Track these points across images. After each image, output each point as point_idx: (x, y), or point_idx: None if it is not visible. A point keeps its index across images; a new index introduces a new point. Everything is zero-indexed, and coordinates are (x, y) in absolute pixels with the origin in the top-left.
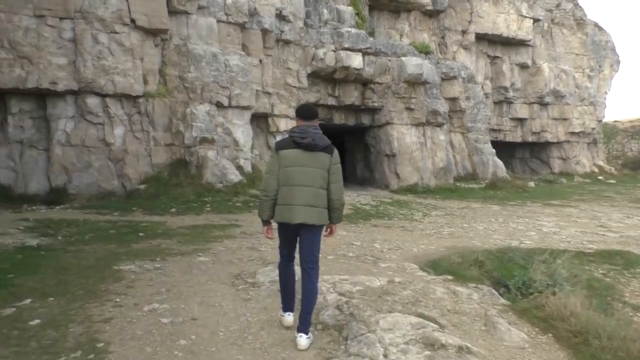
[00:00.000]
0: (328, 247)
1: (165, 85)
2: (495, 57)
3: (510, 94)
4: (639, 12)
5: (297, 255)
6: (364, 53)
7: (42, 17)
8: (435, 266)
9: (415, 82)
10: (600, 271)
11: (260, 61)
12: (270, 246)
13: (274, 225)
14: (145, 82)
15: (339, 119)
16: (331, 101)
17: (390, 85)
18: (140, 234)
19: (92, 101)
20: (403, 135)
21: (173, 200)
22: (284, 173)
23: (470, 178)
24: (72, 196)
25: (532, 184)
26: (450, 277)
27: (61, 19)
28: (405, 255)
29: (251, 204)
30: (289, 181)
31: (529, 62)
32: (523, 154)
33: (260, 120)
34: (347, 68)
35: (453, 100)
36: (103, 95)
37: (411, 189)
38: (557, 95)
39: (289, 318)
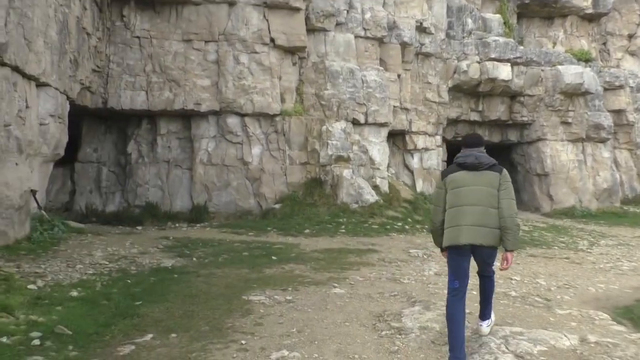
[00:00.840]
0: None
1: (301, 103)
2: None
3: None
4: None
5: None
6: (513, 63)
7: (190, 41)
8: (633, 317)
9: (574, 93)
10: None
11: (399, 76)
12: (413, 278)
13: None
14: (283, 100)
15: (482, 135)
16: (474, 116)
17: (543, 97)
18: (273, 257)
19: (232, 121)
20: (558, 153)
21: (307, 220)
22: (451, 195)
23: None
24: (212, 214)
25: None
26: None
27: (206, 42)
28: (582, 297)
29: (388, 227)
30: (455, 202)
31: None
32: None
33: (396, 138)
34: (493, 80)
35: (618, 112)
36: (242, 115)
37: (567, 213)
38: None
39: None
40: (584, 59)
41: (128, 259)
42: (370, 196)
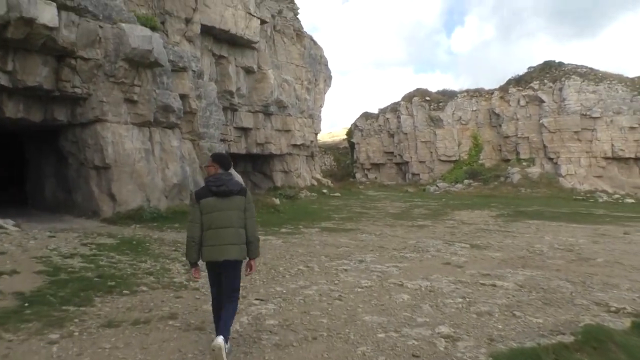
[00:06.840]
0: None
1: None
2: (221, 57)
3: (236, 100)
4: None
5: None
6: (61, 6)
7: None
8: None
9: (141, 63)
10: None
11: None
12: None
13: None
14: None
15: (14, 110)
16: (1, 79)
17: (103, 63)
18: None
19: None
20: (121, 139)
21: None
22: (206, 219)
23: None
24: None
25: (277, 200)
26: None
27: None
28: None
29: None
30: (212, 225)
31: (255, 67)
32: (245, 167)
33: None
34: (29, 23)
35: (183, 97)
36: None
37: (134, 216)
38: (281, 105)
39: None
40: (150, 25)
41: None
42: None
